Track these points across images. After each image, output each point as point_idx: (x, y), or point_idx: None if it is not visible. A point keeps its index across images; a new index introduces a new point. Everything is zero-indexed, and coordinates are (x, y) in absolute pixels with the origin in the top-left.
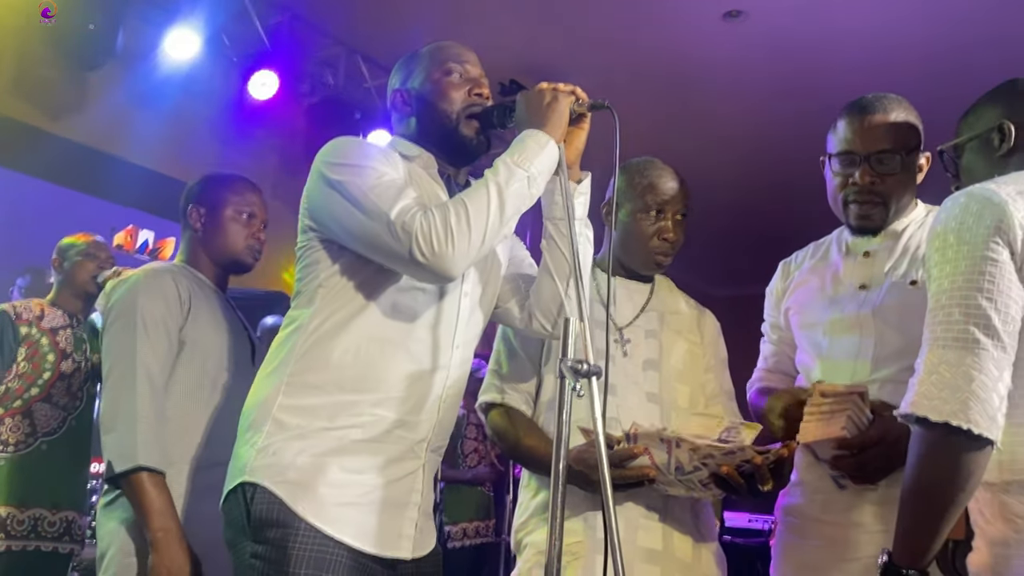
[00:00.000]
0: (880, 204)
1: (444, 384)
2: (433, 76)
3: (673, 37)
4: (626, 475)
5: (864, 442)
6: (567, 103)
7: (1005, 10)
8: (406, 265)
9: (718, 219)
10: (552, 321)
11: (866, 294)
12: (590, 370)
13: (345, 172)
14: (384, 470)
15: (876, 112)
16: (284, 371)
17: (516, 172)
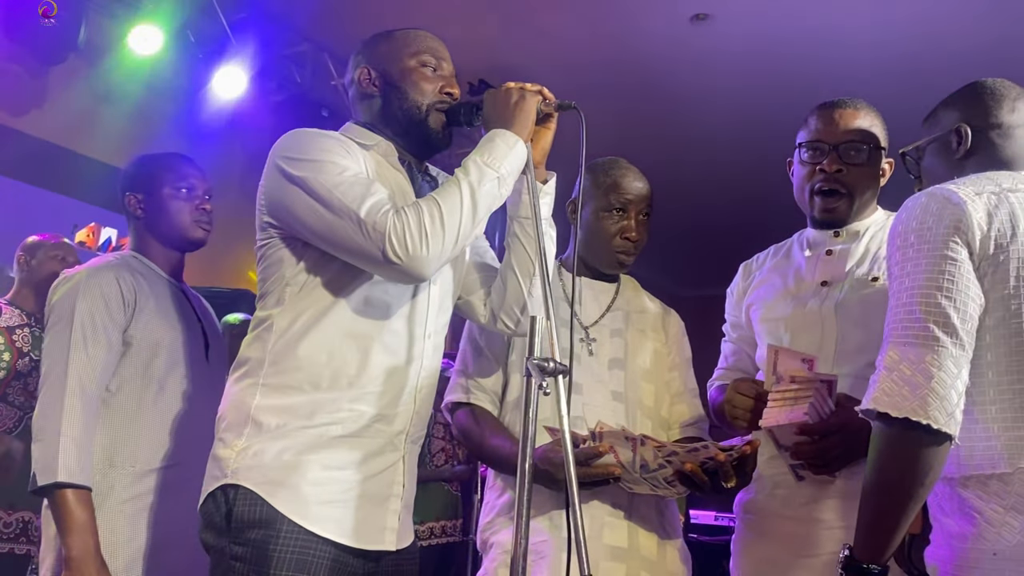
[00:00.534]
0: (845, 196)
1: (418, 375)
2: (407, 63)
3: (640, 39)
4: (591, 473)
5: (826, 429)
6: (534, 102)
7: (978, 12)
8: (378, 265)
9: (685, 220)
10: (515, 320)
11: (828, 290)
12: (556, 368)
13: (305, 167)
14: (365, 464)
15: (847, 107)
16: (258, 372)
17: (487, 172)
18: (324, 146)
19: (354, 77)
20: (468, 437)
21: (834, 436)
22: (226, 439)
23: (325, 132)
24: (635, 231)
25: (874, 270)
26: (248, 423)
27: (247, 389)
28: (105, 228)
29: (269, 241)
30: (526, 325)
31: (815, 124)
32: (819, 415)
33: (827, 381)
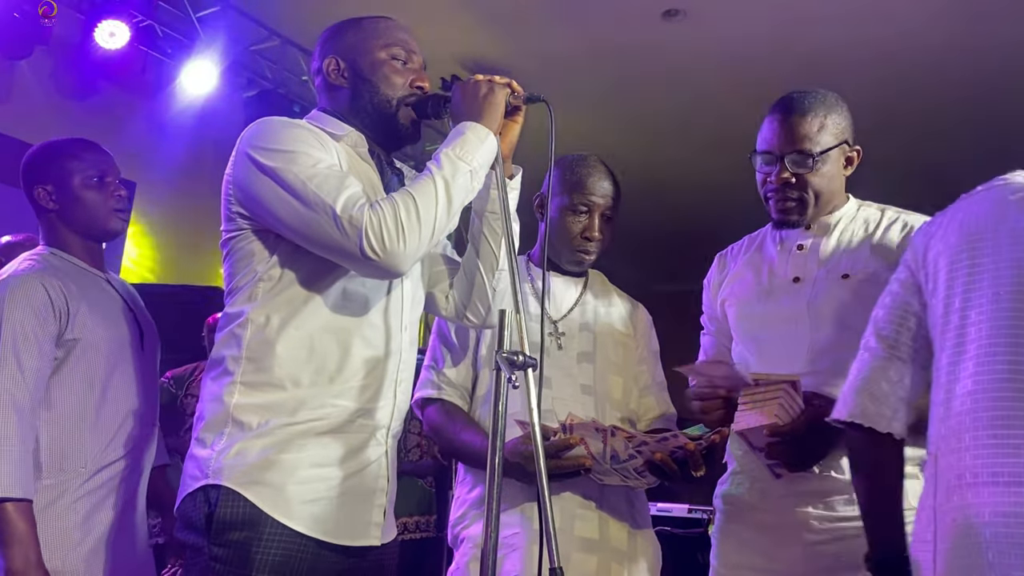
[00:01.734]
0: (796, 201)
1: (397, 368)
2: (378, 55)
3: (612, 35)
4: (562, 465)
5: (796, 429)
6: (503, 95)
7: (950, 8)
8: (354, 261)
9: (659, 216)
10: (481, 315)
11: (800, 287)
12: (526, 362)
13: (278, 158)
14: (349, 460)
15: (795, 112)
16: (235, 371)
17: (460, 166)
18: (296, 136)
19: (322, 66)
20: (438, 433)
21: (805, 434)
22: (205, 439)
23: (296, 121)
24: (596, 231)
25: (844, 266)
26: (228, 422)
27: (225, 388)
28: None
29: (239, 234)
30: (491, 319)
31: (766, 131)
32: (789, 414)
33: (791, 381)
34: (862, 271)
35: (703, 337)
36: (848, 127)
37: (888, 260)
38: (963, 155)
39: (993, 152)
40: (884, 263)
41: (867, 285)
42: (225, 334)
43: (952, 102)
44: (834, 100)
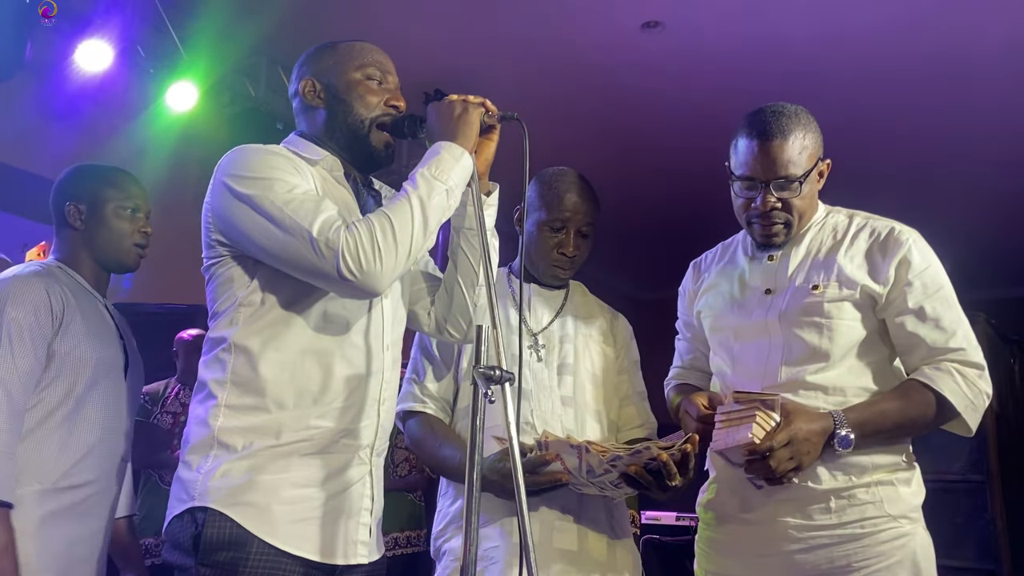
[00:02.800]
0: (782, 224)
1: (380, 387)
2: (353, 76)
3: (592, 47)
4: (540, 481)
5: (772, 446)
6: (477, 114)
7: (925, 18)
8: (332, 283)
9: (642, 224)
10: (462, 330)
11: (772, 299)
12: (503, 376)
13: (254, 185)
14: (334, 480)
15: (775, 136)
16: (220, 394)
17: (436, 185)
18: (272, 163)
19: (299, 88)
20: (419, 446)
21: (783, 449)
22: (191, 461)
23: (271, 148)
24: (571, 247)
25: (814, 277)
26: (214, 445)
27: (211, 412)
28: None
29: (219, 260)
30: (472, 334)
31: (744, 155)
32: (765, 431)
33: (763, 400)
34: (832, 282)
35: (678, 342)
36: (821, 142)
37: (856, 268)
38: (941, 167)
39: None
40: (853, 272)
41: (837, 296)
42: (210, 358)
43: (928, 115)
44: (807, 117)
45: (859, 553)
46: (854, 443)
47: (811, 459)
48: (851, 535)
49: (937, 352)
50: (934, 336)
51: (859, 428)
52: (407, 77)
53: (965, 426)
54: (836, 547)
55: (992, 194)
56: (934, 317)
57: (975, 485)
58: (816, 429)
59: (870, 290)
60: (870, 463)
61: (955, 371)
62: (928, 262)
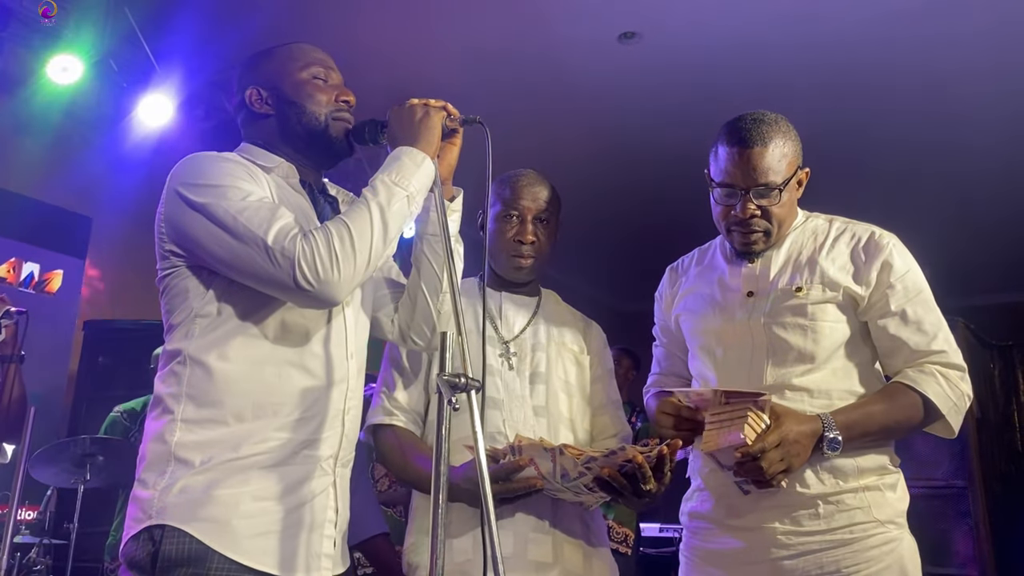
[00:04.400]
0: (762, 232)
1: (345, 397)
2: (299, 76)
3: (569, 58)
4: (513, 488)
5: (764, 447)
6: (439, 118)
7: (901, 25)
8: (288, 292)
9: (622, 235)
10: (425, 338)
11: (754, 301)
12: (468, 384)
13: (207, 193)
14: (295, 492)
15: (755, 144)
16: (175, 409)
17: (396, 192)
18: (226, 170)
19: (244, 99)
20: (390, 460)
21: (773, 450)
22: (147, 479)
23: (225, 155)
24: (529, 235)
25: (797, 279)
26: (171, 461)
27: (167, 427)
28: (27, 263)
29: (173, 271)
30: (437, 341)
31: (725, 163)
32: (756, 433)
33: (755, 400)
34: (815, 284)
35: (655, 349)
36: (800, 150)
37: (838, 271)
38: (919, 175)
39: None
40: (835, 274)
41: (820, 297)
42: (165, 372)
43: (905, 123)
44: (787, 125)
45: (848, 558)
46: (842, 445)
47: (800, 461)
48: (840, 540)
49: (919, 354)
50: (916, 339)
51: (847, 430)
52: (382, 88)
53: (948, 428)
54: (825, 553)
55: (971, 202)
56: (916, 320)
57: (958, 491)
58: (806, 431)
59: (852, 292)
60: (856, 468)
61: (938, 373)
62: (908, 266)
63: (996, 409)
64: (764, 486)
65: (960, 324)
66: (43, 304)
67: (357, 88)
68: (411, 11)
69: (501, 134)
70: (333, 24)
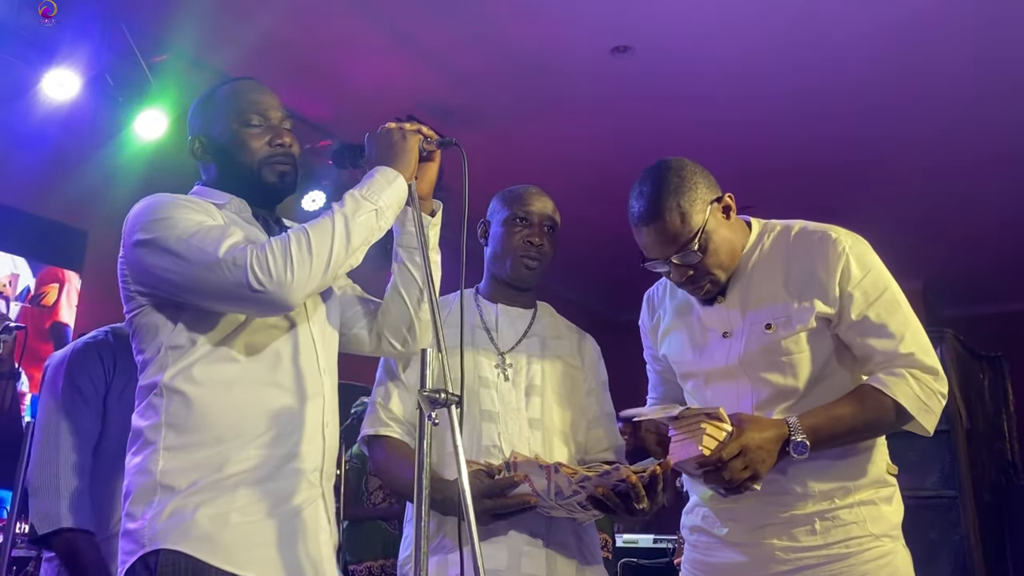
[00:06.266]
0: (708, 282)
1: (322, 411)
2: (231, 127)
3: (562, 72)
4: (508, 503)
5: (724, 456)
6: (415, 141)
7: (886, 42)
8: (244, 301)
9: (617, 246)
10: (401, 340)
11: (730, 343)
12: (448, 399)
13: (157, 227)
14: (285, 504)
15: (654, 219)
16: (157, 439)
17: (363, 204)
18: (174, 204)
19: (190, 147)
20: (383, 471)
21: (735, 460)
22: (135, 512)
23: (176, 196)
24: (538, 238)
25: (765, 315)
26: (157, 490)
27: (150, 458)
28: (23, 277)
29: (139, 310)
30: (412, 346)
31: (639, 240)
32: (716, 442)
33: (708, 412)
34: (783, 319)
35: (649, 373)
36: (706, 187)
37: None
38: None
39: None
40: (801, 301)
41: (791, 332)
42: (143, 406)
43: (901, 136)
44: (677, 179)
45: (845, 573)
46: (809, 448)
47: (767, 467)
48: (836, 555)
49: (889, 359)
50: (883, 344)
51: (813, 433)
52: (375, 104)
53: (921, 427)
54: (822, 567)
55: (961, 214)
56: (879, 324)
57: (948, 500)
58: (769, 437)
59: (822, 313)
60: (852, 482)
61: (908, 375)
62: (867, 268)
63: (986, 419)
64: (733, 492)
65: (949, 335)
66: (39, 317)
67: (355, 100)
68: (404, 28)
69: (496, 146)
70: (326, 43)
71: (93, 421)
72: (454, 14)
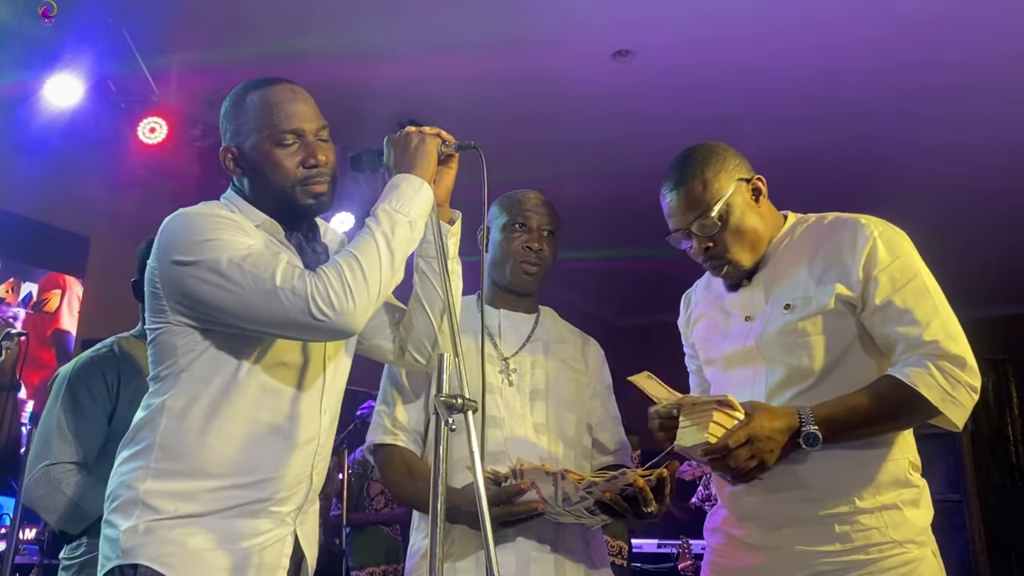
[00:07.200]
0: (727, 262)
1: (313, 456)
2: (263, 146)
3: (563, 77)
4: (515, 511)
5: (730, 444)
6: (434, 145)
7: (891, 48)
8: (305, 329)
9: (619, 251)
10: (425, 354)
11: (751, 325)
12: (465, 404)
13: (205, 249)
14: (256, 538)
15: (677, 186)
16: (148, 456)
17: (398, 219)
18: (217, 223)
19: (222, 156)
20: (391, 479)
21: (741, 448)
22: (114, 520)
23: (213, 211)
24: (538, 243)
25: (786, 296)
26: (139, 505)
27: (137, 472)
28: (25, 283)
29: (163, 327)
30: (435, 360)
31: (665, 211)
32: (724, 429)
33: (718, 400)
34: (804, 298)
35: (691, 378)
36: (737, 165)
37: (827, 278)
38: (903, 185)
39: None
40: (824, 283)
41: (810, 312)
42: (143, 419)
43: (896, 134)
44: (707, 152)
45: None
46: (822, 440)
47: (774, 457)
48: (856, 562)
49: (913, 347)
50: (907, 331)
51: (826, 424)
52: (380, 106)
53: (949, 422)
54: (841, 573)
55: (965, 215)
56: (904, 310)
57: (953, 505)
58: (779, 427)
59: (844, 297)
60: (872, 484)
61: (931, 365)
62: (896, 253)
63: (990, 422)
64: (740, 481)
65: None
66: (42, 323)
67: (355, 105)
68: (405, 32)
69: (497, 152)
70: (327, 47)
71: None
72: (454, 17)
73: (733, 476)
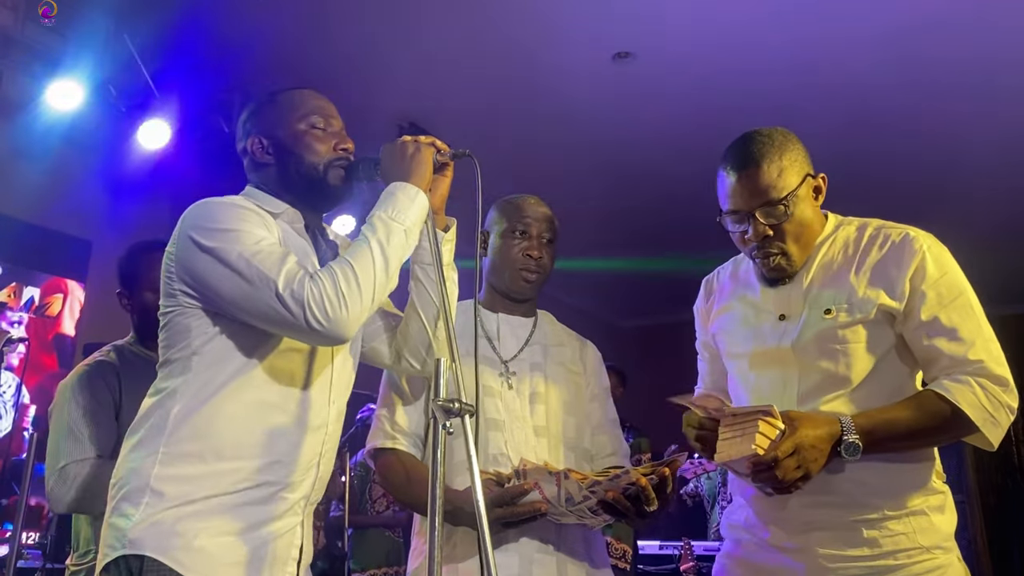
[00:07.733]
0: (781, 253)
1: (322, 442)
2: (297, 127)
3: (563, 79)
4: (518, 512)
5: (777, 456)
6: (429, 153)
7: (888, 52)
8: (300, 333)
9: (619, 253)
10: (421, 360)
11: (785, 325)
12: (462, 409)
13: (220, 237)
14: (267, 527)
15: (750, 165)
16: (157, 441)
17: (393, 227)
18: (238, 215)
19: (246, 147)
20: (391, 483)
21: (788, 459)
22: (122, 508)
23: (236, 201)
24: (536, 250)
25: (827, 300)
26: (147, 492)
27: (146, 458)
28: (27, 287)
29: (177, 309)
30: (431, 365)
31: (727, 188)
32: (769, 440)
33: (763, 410)
34: (845, 305)
35: (699, 363)
36: (804, 158)
37: (870, 287)
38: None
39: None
40: (866, 292)
41: (851, 320)
42: (153, 404)
43: (902, 141)
44: (783, 137)
45: None
46: (861, 450)
47: (818, 466)
48: (884, 567)
49: (956, 364)
50: (952, 348)
51: (867, 435)
52: (379, 113)
53: (985, 441)
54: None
55: (971, 215)
56: (950, 328)
57: (955, 505)
58: (822, 435)
59: (887, 308)
60: (898, 489)
61: (974, 383)
62: (944, 269)
63: None
64: (783, 491)
65: None
66: (43, 328)
67: (355, 109)
68: (406, 37)
69: (497, 154)
70: (329, 52)
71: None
72: (453, 20)
73: (776, 487)
